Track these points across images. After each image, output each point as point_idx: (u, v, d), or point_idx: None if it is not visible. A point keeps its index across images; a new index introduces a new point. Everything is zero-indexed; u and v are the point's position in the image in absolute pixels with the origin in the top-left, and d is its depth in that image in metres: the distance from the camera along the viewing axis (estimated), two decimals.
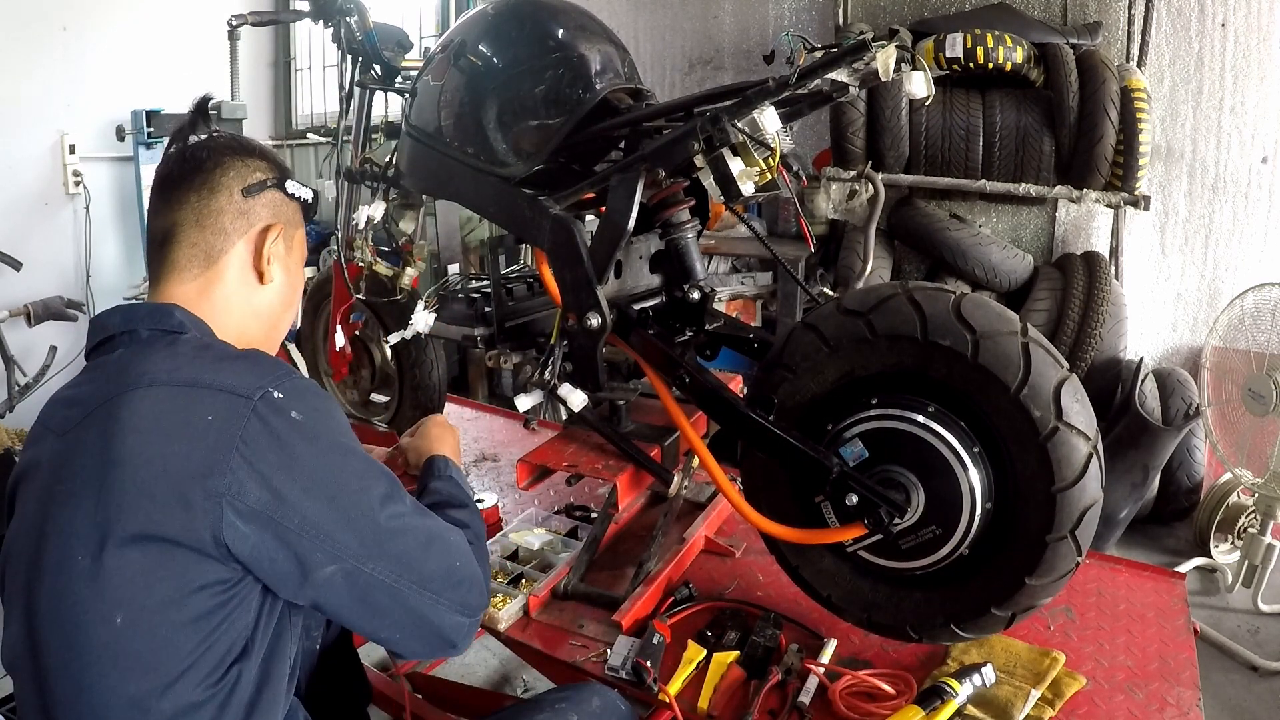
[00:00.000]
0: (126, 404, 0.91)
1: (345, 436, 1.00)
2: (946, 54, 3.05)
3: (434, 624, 1.03)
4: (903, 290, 1.29)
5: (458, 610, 1.04)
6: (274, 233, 1.11)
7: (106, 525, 0.87)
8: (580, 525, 1.89)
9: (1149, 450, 2.86)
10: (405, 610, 1.00)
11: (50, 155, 4.13)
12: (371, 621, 1.00)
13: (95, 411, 0.93)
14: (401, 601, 0.99)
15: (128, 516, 0.87)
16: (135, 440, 0.89)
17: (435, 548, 1.03)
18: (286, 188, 1.14)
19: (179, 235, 1.06)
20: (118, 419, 0.90)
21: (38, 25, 4.00)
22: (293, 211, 1.16)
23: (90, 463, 0.90)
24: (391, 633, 1.02)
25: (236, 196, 1.08)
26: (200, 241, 1.06)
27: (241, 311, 1.10)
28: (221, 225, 1.07)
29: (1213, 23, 3.10)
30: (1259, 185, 3.14)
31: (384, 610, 0.99)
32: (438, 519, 1.07)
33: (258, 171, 1.11)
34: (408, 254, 1.97)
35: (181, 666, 0.89)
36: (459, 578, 1.05)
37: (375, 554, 0.96)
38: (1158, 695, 1.35)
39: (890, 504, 1.27)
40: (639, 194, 1.42)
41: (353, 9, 1.89)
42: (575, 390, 1.56)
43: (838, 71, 1.26)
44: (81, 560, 0.87)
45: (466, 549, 1.08)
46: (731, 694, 1.38)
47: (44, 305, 3.69)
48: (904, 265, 3.55)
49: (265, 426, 0.90)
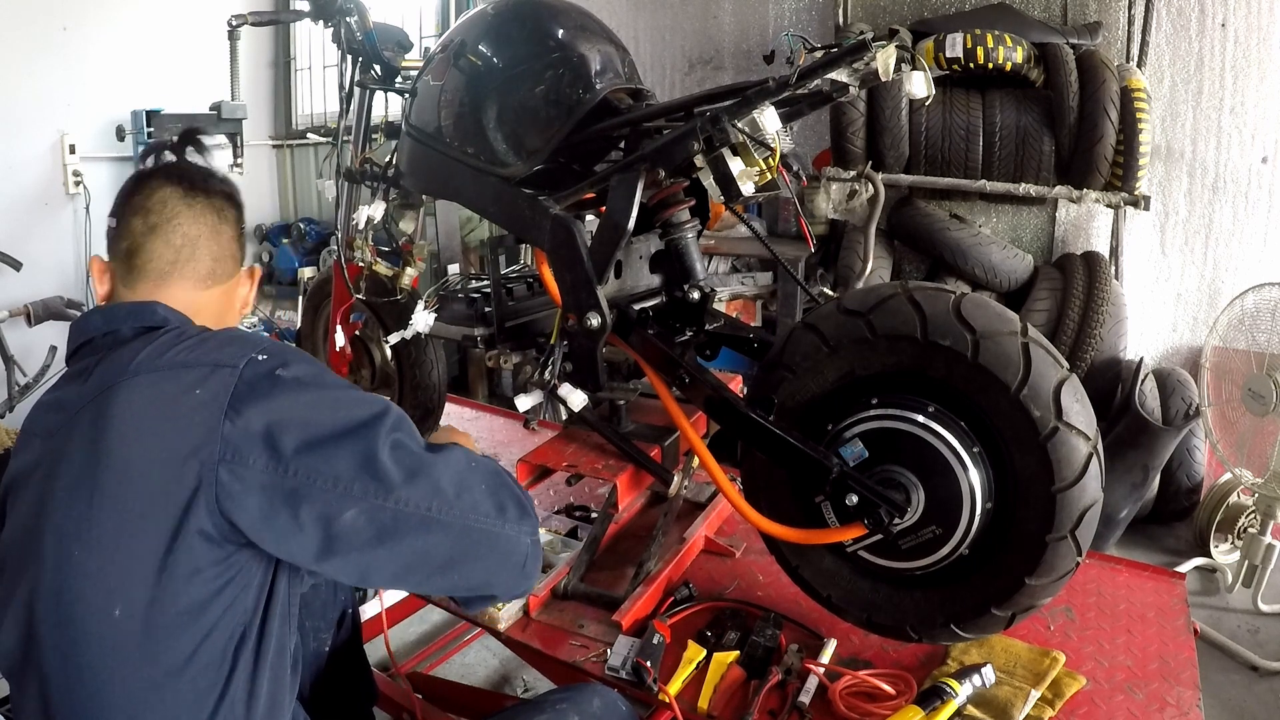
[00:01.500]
0: (114, 397, 0.91)
1: (335, 380, 0.97)
2: (946, 54, 3.05)
3: (486, 544, 0.96)
4: (903, 290, 1.29)
5: (507, 522, 0.98)
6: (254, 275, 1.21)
7: (102, 520, 0.87)
8: (580, 525, 1.89)
9: (1149, 450, 2.86)
10: (449, 541, 0.94)
11: (50, 155, 4.13)
12: (418, 567, 0.94)
13: (84, 410, 0.92)
14: (440, 531, 0.93)
15: (122, 510, 0.87)
16: (125, 433, 0.89)
17: (455, 468, 0.97)
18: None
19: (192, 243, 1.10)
20: (106, 414, 0.90)
21: (38, 25, 4.00)
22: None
23: (82, 460, 0.90)
24: (447, 574, 0.96)
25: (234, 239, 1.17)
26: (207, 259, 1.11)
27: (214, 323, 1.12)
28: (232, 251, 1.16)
29: (1213, 23, 3.10)
30: (1259, 185, 3.14)
31: (426, 551, 0.93)
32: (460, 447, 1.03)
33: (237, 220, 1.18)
34: (408, 254, 1.96)
35: (182, 655, 0.88)
36: (494, 488, 0.99)
37: (392, 486, 0.91)
38: (1158, 695, 1.35)
39: (890, 504, 1.27)
40: (639, 194, 1.42)
41: (353, 9, 1.89)
42: (575, 390, 1.55)
43: (838, 71, 1.26)
44: (79, 556, 0.87)
45: (495, 468, 1.03)
46: (731, 694, 1.38)
47: (44, 305, 3.69)
48: (904, 265, 3.55)
49: (252, 388, 0.90)
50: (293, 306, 4.79)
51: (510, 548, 0.99)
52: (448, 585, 0.99)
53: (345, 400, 0.94)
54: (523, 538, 1.00)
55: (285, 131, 5.48)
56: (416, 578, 0.98)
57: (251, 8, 2.64)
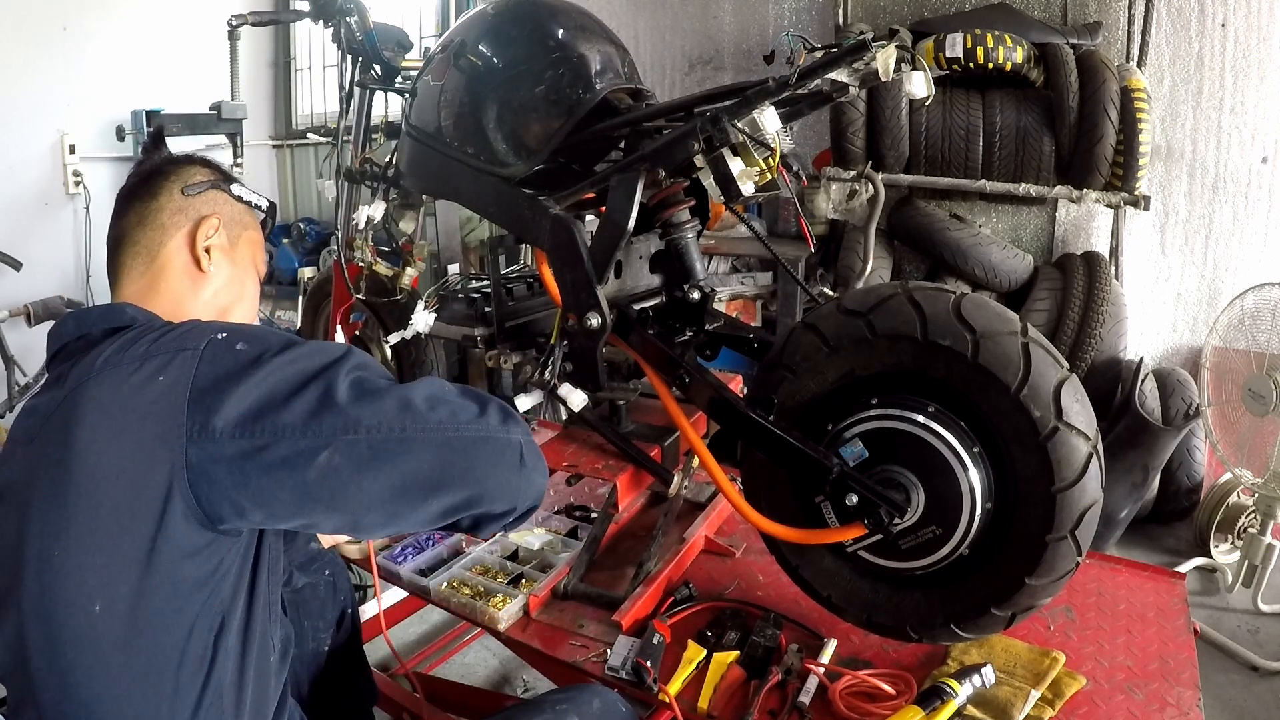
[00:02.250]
0: (81, 396, 0.90)
1: (296, 340, 0.94)
2: (946, 54, 3.05)
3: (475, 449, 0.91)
4: (903, 290, 1.29)
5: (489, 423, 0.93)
6: (210, 223, 1.12)
7: (78, 518, 0.86)
8: (580, 525, 1.89)
9: (1149, 450, 2.86)
10: (432, 455, 0.89)
11: (50, 155, 4.13)
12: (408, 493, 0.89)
13: (55, 413, 0.92)
14: (421, 448, 0.89)
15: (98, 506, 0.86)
16: (94, 429, 0.88)
17: (426, 388, 0.94)
18: (232, 189, 1.18)
19: (125, 239, 1.11)
20: (75, 414, 0.90)
21: (38, 25, 4.00)
22: (240, 212, 1.19)
23: (55, 461, 0.89)
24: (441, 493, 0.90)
25: (176, 195, 1.13)
26: (142, 239, 1.10)
27: (190, 304, 1.11)
28: (160, 221, 1.11)
29: (1213, 23, 3.10)
30: (1259, 185, 3.14)
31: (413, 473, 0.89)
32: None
33: (199, 175, 1.16)
34: (408, 254, 1.96)
35: (165, 648, 0.88)
36: (469, 394, 0.95)
37: (359, 418, 0.87)
38: (1158, 695, 1.35)
39: (890, 504, 1.27)
40: (639, 194, 1.42)
41: (353, 9, 1.89)
42: (575, 390, 1.56)
43: (838, 71, 1.26)
44: (59, 556, 0.87)
45: (472, 390, 0.98)
46: (731, 694, 1.38)
47: (44, 305, 3.69)
48: (904, 265, 3.55)
49: (214, 366, 0.88)
50: (293, 306, 4.79)
51: (500, 446, 0.93)
52: (447, 507, 0.92)
53: (304, 353, 0.92)
54: (513, 435, 0.95)
55: (285, 131, 5.48)
56: (410, 506, 0.91)
57: (251, 8, 2.64)
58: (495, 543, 1.80)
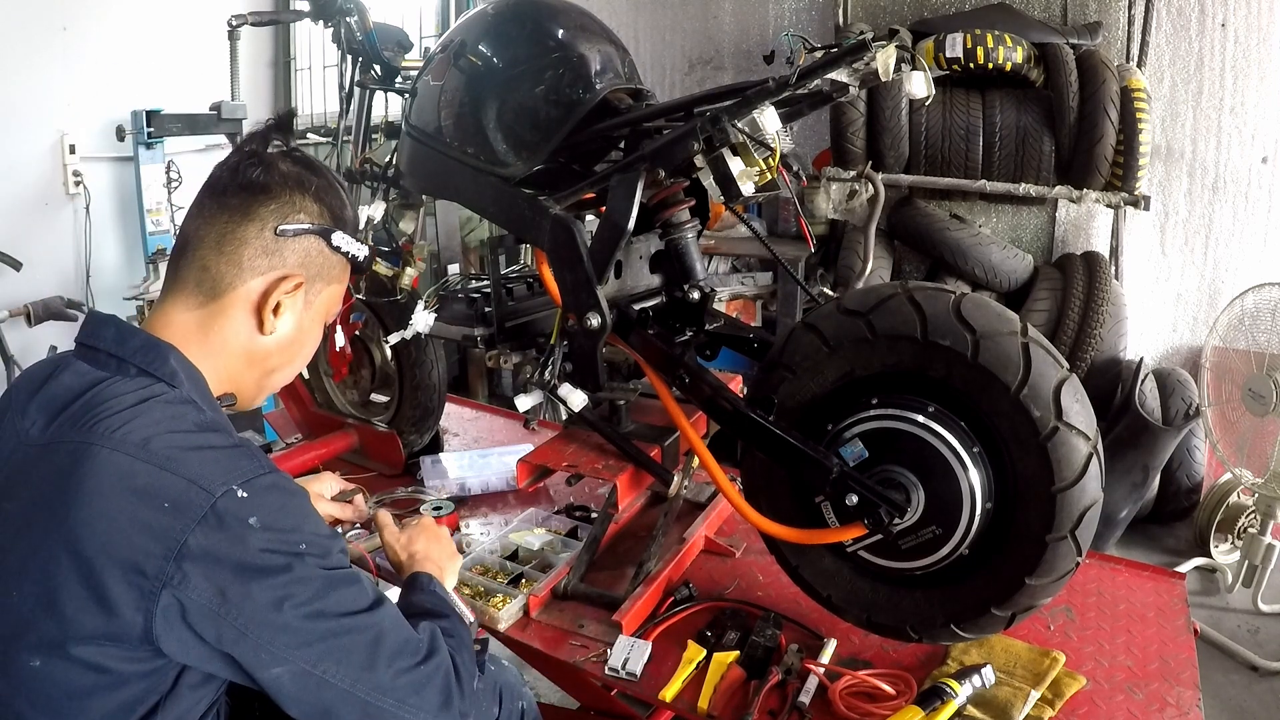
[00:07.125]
0: (89, 462, 0.86)
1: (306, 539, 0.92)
2: (946, 54, 3.05)
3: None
4: (903, 290, 1.29)
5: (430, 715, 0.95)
6: (290, 283, 1.02)
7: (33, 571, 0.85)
8: (580, 525, 1.89)
9: (1149, 450, 2.86)
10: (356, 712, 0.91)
11: (50, 155, 4.12)
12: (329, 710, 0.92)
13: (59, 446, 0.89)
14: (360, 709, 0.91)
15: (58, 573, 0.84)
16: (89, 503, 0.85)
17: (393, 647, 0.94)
18: (332, 239, 1.05)
19: (196, 250, 1.00)
20: (77, 474, 0.86)
21: (38, 25, 4.00)
22: (331, 265, 1.07)
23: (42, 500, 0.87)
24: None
25: (268, 234, 1.00)
26: (213, 266, 0.99)
27: (237, 355, 1.03)
28: (239, 259, 0.99)
29: (1213, 23, 3.10)
30: (1259, 185, 3.14)
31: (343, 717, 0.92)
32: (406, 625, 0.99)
33: (302, 213, 1.02)
34: (408, 254, 1.96)
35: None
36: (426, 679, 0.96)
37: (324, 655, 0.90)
38: (1158, 695, 1.35)
39: (890, 504, 1.27)
40: (639, 194, 1.42)
41: (353, 9, 1.89)
42: (575, 390, 1.56)
43: (838, 71, 1.26)
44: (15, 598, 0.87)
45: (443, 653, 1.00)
46: (731, 694, 1.38)
47: (44, 305, 3.69)
48: (904, 265, 3.55)
49: (220, 526, 0.86)
50: None
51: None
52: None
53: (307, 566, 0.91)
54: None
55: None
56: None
57: (251, 8, 2.64)
58: (495, 543, 1.80)
